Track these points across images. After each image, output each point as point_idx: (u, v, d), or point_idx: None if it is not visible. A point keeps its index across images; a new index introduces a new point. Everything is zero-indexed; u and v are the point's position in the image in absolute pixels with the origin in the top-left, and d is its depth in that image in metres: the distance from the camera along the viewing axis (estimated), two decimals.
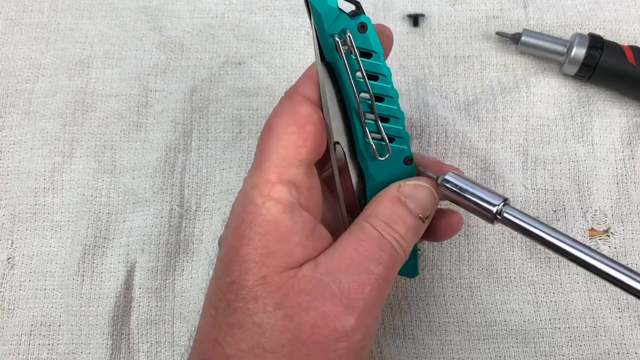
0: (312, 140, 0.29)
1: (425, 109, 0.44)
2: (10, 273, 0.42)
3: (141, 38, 0.47)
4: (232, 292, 0.28)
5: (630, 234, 0.41)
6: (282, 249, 0.28)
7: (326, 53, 0.29)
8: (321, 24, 0.28)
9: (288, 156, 0.29)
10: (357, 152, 0.31)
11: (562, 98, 0.44)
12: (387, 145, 0.31)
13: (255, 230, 0.28)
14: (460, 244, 0.41)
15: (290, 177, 0.29)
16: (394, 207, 0.30)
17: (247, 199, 0.29)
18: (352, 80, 0.29)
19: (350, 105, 0.30)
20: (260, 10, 0.48)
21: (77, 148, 0.44)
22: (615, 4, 0.46)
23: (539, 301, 0.40)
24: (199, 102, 0.46)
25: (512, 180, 0.42)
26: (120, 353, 0.40)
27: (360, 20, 0.29)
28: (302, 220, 0.29)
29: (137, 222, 0.42)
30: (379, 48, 0.30)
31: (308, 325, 0.27)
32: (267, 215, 0.28)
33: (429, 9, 0.47)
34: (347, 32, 0.28)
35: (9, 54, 0.47)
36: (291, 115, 0.29)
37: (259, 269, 0.27)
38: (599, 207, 0.42)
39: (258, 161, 0.30)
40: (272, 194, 0.28)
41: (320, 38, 0.29)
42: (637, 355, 0.39)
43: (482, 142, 0.43)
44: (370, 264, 0.28)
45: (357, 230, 0.29)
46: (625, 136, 0.43)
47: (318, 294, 0.27)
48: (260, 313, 0.27)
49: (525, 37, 0.44)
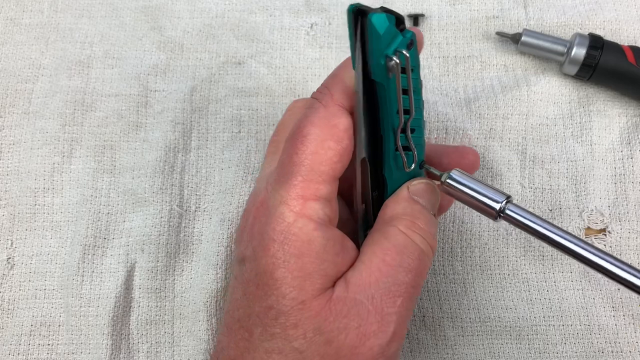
0: (347, 156, 0.28)
1: (426, 105, 0.44)
2: (10, 273, 0.42)
3: (141, 38, 0.47)
4: (270, 318, 0.27)
5: (627, 233, 0.41)
6: (318, 269, 0.27)
7: (375, 73, 0.27)
8: (379, 45, 0.26)
9: (323, 172, 0.27)
10: (384, 166, 0.31)
11: (562, 98, 0.44)
12: (414, 157, 0.31)
13: (289, 251, 0.27)
14: (454, 240, 0.41)
15: (323, 193, 0.28)
16: (412, 206, 0.30)
17: (276, 215, 0.27)
18: (400, 99, 0.28)
19: (388, 122, 0.29)
20: (260, 10, 0.48)
21: (76, 148, 0.44)
22: (615, 4, 0.46)
23: (533, 298, 0.40)
24: (199, 102, 0.45)
25: (510, 179, 0.42)
26: (120, 353, 0.40)
27: (410, 38, 0.27)
28: (334, 236, 0.28)
29: (137, 222, 0.42)
30: (419, 61, 0.29)
31: (347, 348, 0.27)
32: (300, 234, 0.27)
33: (429, 8, 0.47)
34: (402, 51, 0.26)
35: (8, 54, 0.47)
36: (329, 127, 0.28)
37: (298, 293, 0.27)
38: (595, 207, 0.42)
39: (288, 173, 0.28)
40: (304, 211, 0.27)
41: (373, 58, 0.27)
42: (631, 353, 0.39)
43: (481, 140, 0.43)
44: (399, 274, 0.28)
45: (381, 239, 0.29)
46: (625, 136, 0.43)
47: (354, 314, 0.27)
48: (300, 339, 0.26)
49: (525, 37, 0.44)
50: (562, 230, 0.29)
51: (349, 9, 0.27)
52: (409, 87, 0.28)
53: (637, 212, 0.41)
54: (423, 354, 0.40)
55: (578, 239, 0.28)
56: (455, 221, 0.42)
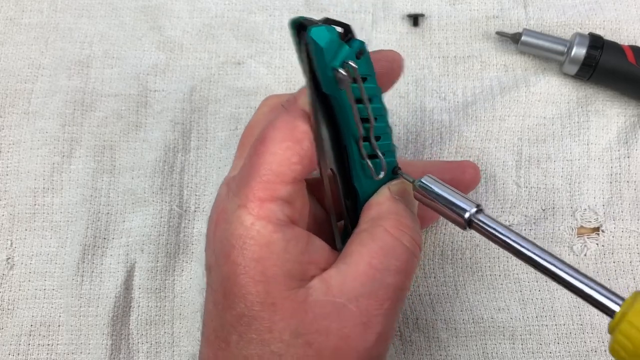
0: (308, 159, 0.28)
1: (422, 113, 0.44)
2: (9, 273, 0.42)
3: (140, 38, 0.47)
4: (244, 325, 0.27)
5: (621, 232, 0.41)
6: (280, 271, 0.26)
7: (324, 86, 0.27)
8: (322, 58, 0.25)
9: (281, 173, 0.27)
10: (353, 176, 0.30)
11: (561, 97, 0.44)
12: (382, 164, 0.30)
13: (248, 256, 0.26)
14: (444, 242, 0.41)
15: (282, 194, 0.27)
16: (396, 205, 0.30)
17: (234, 219, 0.27)
18: (355, 109, 0.27)
19: (348, 132, 0.29)
20: (259, 10, 0.48)
21: (76, 148, 0.44)
22: (615, 4, 0.46)
23: (525, 298, 0.40)
24: (198, 102, 0.45)
25: (504, 179, 0.42)
26: (119, 353, 0.40)
27: (359, 47, 0.27)
28: (296, 236, 0.27)
29: (137, 222, 0.42)
30: (372, 69, 0.28)
31: (329, 350, 0.26)
32: (258, 238, 0.26)
33: (428, 8, 0.47)
34: (350, 62, 0.26)
35: (8, 54, 0.47)
36: (289, 129, 0.27)
37: (265, 297, 0.26)
38: (589, 206, 0.42)
39: (247, 176, 0.27)
40: (261, 214, 0.26)
41: (319, 72, 0.26)
42: None
43: (477, 142, 0.43)
44: (387, 277, 0.27)
45: (368, 240, 0.28)
46: (622, 135, 0.43)
47: (335, 316, 0.26)
48: (277, 342, 0.26)
49: (525, 36, 0.44)
50: (534, 244, 0.27)
51: (290, 23, 0.26)
52: (363, 97, 0.27)
53: (632, 211, 0.41)
54: (416, 356, 0.40)
55: (547, 253, 0.27)
56: (446, 224, 0.41)
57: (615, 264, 0.41)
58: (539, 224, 0.41)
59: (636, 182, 0.42)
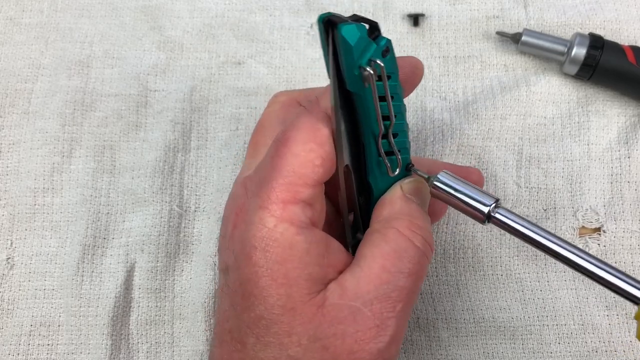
0: (330, 161, 0.28)
1: (423, 113, 0.44)
2: (9, 273, 0.42)
3: (141, 38, 0.47)
4: (262, 327, 0.26)
5: (622, 232, 0.41)
6: (303, 274, 0.26)
7: (349, 83, 0.27)
8: (350, 56, 0.26)
9: (304, 175, 0.27)
10: (368, 172, 0.31)
11: (561, 97, 0.44)
12: (398, 161, 0.30)
13: (271, 258, 0.26)
14: (446, 241, 0.41)
15: (304, 196, 0.27)
16: (408, 205, 0.30)
17: (255, 220, 0.27)
18: (377, 106, 0.27)
19: (368, 129, 0.29)
20: (260, 10, 0.48)
21: (76, 148, 0.44)
22: (615, 4, 0.46)
23: (526, 298, 0.40)
24: (199, 102, 0.45)
25: (505, 179, 0.42)
26: (119, 353, 0.40)
27: (385, 45, 0.27)
28: (317, 239, 0.27)
29: (137, 222, 0.42)
30: (397, 67, 0.28)
31: (345, 353, 0.26)
32: (281, 240, 0.26)
33: (429, 8, 0.47)
34: (376, 61, 0.26)
35: (8, 54, 0.47)
36: (312, 131, 0.27)
37: (286, 300, 0.26)
38: (590, 206, 0.42)
39: (268, 176, 0.27)
40: (285, 216, 0.26)
41: (346, 70, 0.26)
42: (624, 352, 0.39)
43: (479, 140, 0.43)
44: (399, 280, 0.27)
45: (381, 242, 0.28)
46: (622, 135, 0.43)
47: (351, 320, 0.26)
48: (295, 347, 0.26)
49: (525, 36, 0.44)
50: (553, 235, 0.28)
51: (318, 20, 0.26)
52: (387, 95, 0.27)
53: (633, 212, 0.41)
54: (417, 355, 0.40)
55: (569, 244, 0.27)
56: (448, 223, 0.41)
57: (617, 264, 0.41)
58: (540, 224, 0.41)
59: (637, 182, 0.42)
